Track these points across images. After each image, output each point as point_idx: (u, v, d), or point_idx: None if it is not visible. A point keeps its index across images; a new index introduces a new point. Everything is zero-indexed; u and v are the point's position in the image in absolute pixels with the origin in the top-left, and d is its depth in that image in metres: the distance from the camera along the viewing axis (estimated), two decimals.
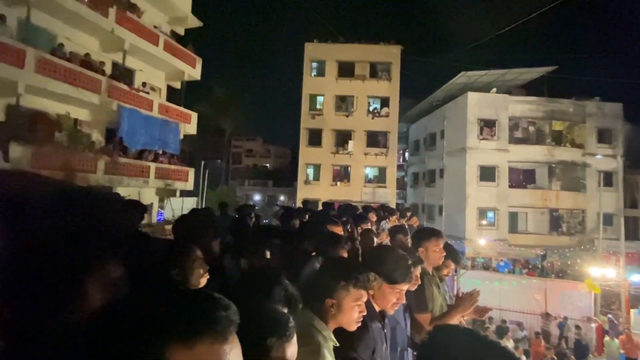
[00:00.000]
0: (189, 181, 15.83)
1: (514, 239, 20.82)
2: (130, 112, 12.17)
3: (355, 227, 4.68)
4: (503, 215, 21.48)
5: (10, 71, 8.76)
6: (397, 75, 23.60)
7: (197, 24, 16.72)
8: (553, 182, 21.72)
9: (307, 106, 23.79)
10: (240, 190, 41.05)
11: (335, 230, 3.04)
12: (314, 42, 23.97)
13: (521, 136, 22.38)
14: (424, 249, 2.78)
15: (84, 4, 10.58)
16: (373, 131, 23.60)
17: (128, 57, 12.97)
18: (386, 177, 23.57)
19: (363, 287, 1.50)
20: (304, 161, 23.86)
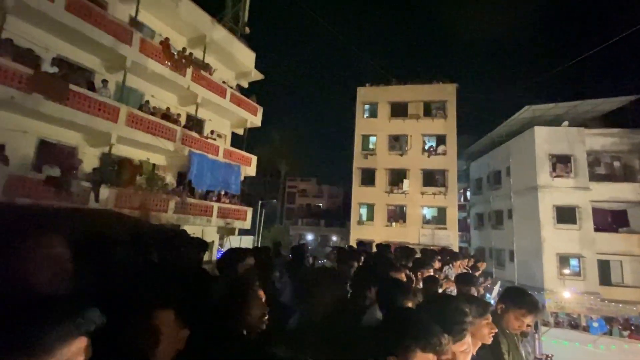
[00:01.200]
0: (247, 220, 16.49)
1: (607, 292, 17.67)
2: (199, 157, 13.38)
3: (415, 273, 4.32)
4: (590, 264, 18.53)
5: (107, 125, 10.30)
6: (453, 112, 23.05)
7: (259, 77, 18.39)
8: None
9: (359, 146, 24.08)
10: (294, 229, 41.64)
11: (397, 277, 2.82)
12: (365, 86, 24.81)
13: (604, 172, 19.82)
14: (509, 312, 2.38)
15: (167, 67, 12.35)
16: (429, 170, 22.80)
17: (200, 108, 14.55)
18: (446, 218, 22.17)
19: (433, 351, 1.28)
20: (356, 200, 23.65)
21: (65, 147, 10.47)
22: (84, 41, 10.19)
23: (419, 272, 4.43)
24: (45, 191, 8.71)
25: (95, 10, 10.03)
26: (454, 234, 21.91)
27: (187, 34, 14.36)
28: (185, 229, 10.31)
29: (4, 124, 8.73)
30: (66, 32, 9.71)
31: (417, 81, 24.00)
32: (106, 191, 10.19)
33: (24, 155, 9.40)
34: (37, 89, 8.51)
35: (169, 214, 12.21)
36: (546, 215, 19.10)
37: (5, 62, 7.96)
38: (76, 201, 9.38)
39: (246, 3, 17.76)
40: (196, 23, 14.06)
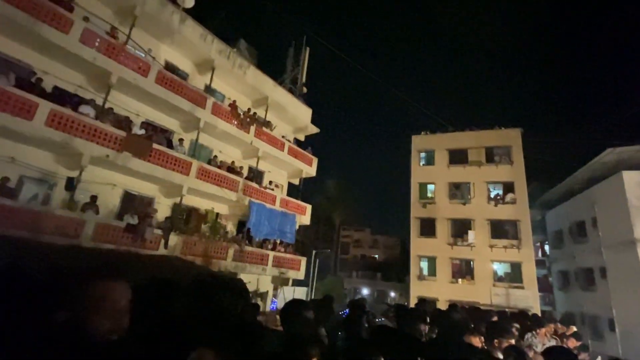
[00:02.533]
0: (300, 270, 16.28)
1: None
2: (258, 206, 13.97)
3: (491, 341, 3.68)
4: None
5: (180, 178, 11.41)
6: (519, 158, 21.45)
7: (315, 130, 19.36)
8: None
9: (416, 195, 23.20)
10: (348, 282, 39.94)
11: (473, 342, 2.41)
12: (420, 134, 24.56)
13: None
14: None
15: (234, 125, 13.64)
16: (498, 220, 20.84)
17: (260, 161, 15.53)
18: (522, 275, 19.55)
19: None
20: (416, 253, 22.17)
21: (145, 198, 11.71)
22: (167, 107, 11.83)
23: (496, 341, 3.78)
24: (125, 237, 9.64)
25: (178, 81, 11.74)
26: (534, 295, 19.05)
27: (252, 96, 15.95)
28: (242, 278, 10.39)
29: (98, 178, 10.14)
30: (154, 100, 11.41)
31: (476, 127, 23.18)
32: (175, 238, 10.95)
33: (111, 205, 10.68)
34: (127, 148, 9.88)
35: (228, 262, 12.59)
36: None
37: (106, 127, 9.49)
38: (149, 247, 10.18)
39: (304, 67, 19.54)
40: (260, 86, 15.62)
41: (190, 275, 1.10)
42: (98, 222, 9.25)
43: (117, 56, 9.97)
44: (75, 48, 9.12)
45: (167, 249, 10.68)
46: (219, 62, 13.70)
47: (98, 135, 9.29)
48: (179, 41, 12.62)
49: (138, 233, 9.92)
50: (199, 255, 11.46)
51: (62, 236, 8.22)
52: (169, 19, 11.96)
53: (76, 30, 9.10)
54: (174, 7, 12.19)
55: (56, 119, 8.50)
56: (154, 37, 12.27)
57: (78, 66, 9.75)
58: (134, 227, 9.90)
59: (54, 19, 8.70)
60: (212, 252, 12.08)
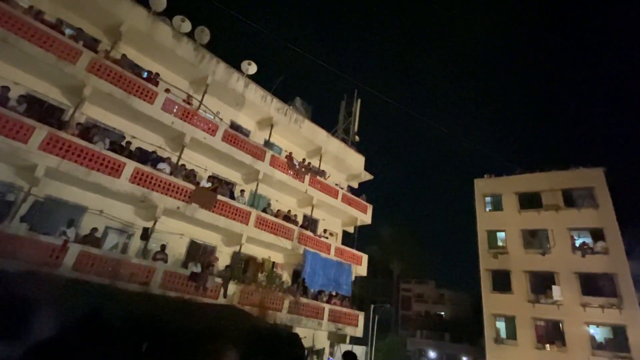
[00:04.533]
0: (358, 326, 15.23)
1: None
2: (312, 255, 13.81)
3: None
4: None
5: (240, 227, 11.90)
6: (606, 201, 18.75)
7: (369, 177, 19.29)
8: None
9: (485, 244, 21.12)
10: (411, 342, 36.18)
11: None
12: (484, 178, 23.05)
13: None
14: None
15: (290, 175, 14.21)
16: (588, 273, 17.83)
17: (315, 209, 15.68)
18: (629, 342, 15.95)
19: None
20: (489, 311, 19.56)
21: (208, 247, 12.33)
22: (231, 161, 12.85)
23: None
24: (188, 285, 10.05)
25: (241, 138, 12.82)
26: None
27: (307, 147, 16.69)
28: (297, 332, 10.03)
29: (168, 228, 11.01)
30: (220, 156, 12.50)
31: (548, 168, 21.13)
32: (233, 287, 11.13)
33: (178, 253, 11.39)
34: (195, 200, 10.72)
35: (283, 313, 12.30)
36: None
37: (178, 182, 10.50)
38: (209, 295, 10.45)
39: (355, 117, 20.22)
40: (314, 138, 16.36)
41: (248, 327, 1.03)
42: (166, 270, 9.84)
43: (190, 119, 11.34)
44: (157, 115, 10.60)
45: (226, 298, 10.84)
46: (277, 119, 14.79)
47: (171, 189, 10.28)
48: (242, 103, 14.02)
49: (201, 281, 10.30)
50: (256, 305, 11.41)
51: (135, 283, 8.85)
52: (235, 85, 13.48)
53: (159, 100, 10.65)
54: (239, 74, 13.78)
55: (138, 176, 9.66)
56: (222, 101, 13.82)
57: (158, 129, 11.24)
58: (198, 275, 10.32)
59: (143, 92, 10.33)
60: (268, 303, 11.96)
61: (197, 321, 1.14)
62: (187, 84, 12.81)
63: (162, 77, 11.71)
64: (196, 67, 12.39)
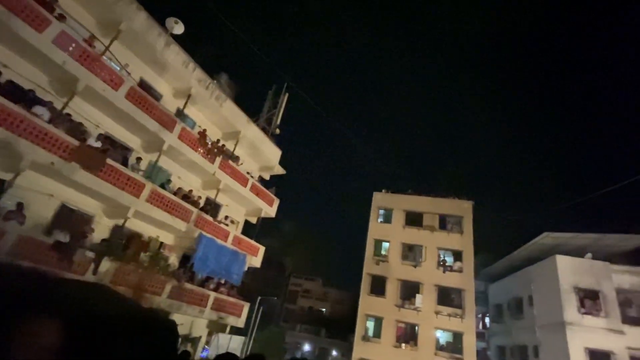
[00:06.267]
0: (241, 317, 15.15)
1: None
2: (208, 240, 13.20)
3: None
4: None
5: (129, 199, 10.62)
6: (469, 229, 22.72)
7: (281, 171, 19.42)
8: None
9: (371, 251, 23.33)
10: (290, 335, 37.66)
11: None
12: (382, 192, 25.41)
13: (638, 315, 17.84)
14: None
15: (199, 154, 13.32)
16: (445, 287, 21.31)
17: (220, 194, 15.04)
18: (463, 347, 19.64)
19: None
20: (364, 311, 21.69)
21: (83, 215, 10.65)
22: (132, 124, 11.37)
23: None
24: (49, 256, 8.51)
25: (149, 100, 11.46)
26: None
27: (224, 128, 15.90)
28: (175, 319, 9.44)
29: (33, 185, 9.15)
30: (119, 114, 10.94)
31: (433, 194, 24.48)
32: (107, 264, 9.86)
33: (43, 217, 9.55)
34: (77, 159, 9.14)
35: (163, 298, 11.43)
36: (578, 359, 16.63)
37: (58, 133, 8.81)
38: (75, 270, 9.03)
39: (280, 110, 20.11)
40: (234, 120, 15.69)
41: (113, 308, 0.91)
42: (21, 235, 8.16)
43: (89, 64, 9.64)
44: (46, 48, 8.71)
45: (96, 275, 9.54)
46: (197, 91, 13.71)
47: (47, 139, 8.56)
48: (160, 63, 12.58)
49: (67, 252, 8.84)
50: (132, 286, 10.32)
51: None
52: (154, 40, 11.99)
53: (52, 31, 8.77)
54: (162, 30, 12.32)
55: (2, 115, 7.78)
56: (136, 54, 12.15)
57: (44, 66, 9.24)
58: (64, 246, 8.82)
59: (31, 15, 8.37)
60: (148, 286, 10.96)
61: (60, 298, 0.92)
62: (94, 23, 10.87)
63: (62, 5, 9.67)
64: (110, 7, 10.61)
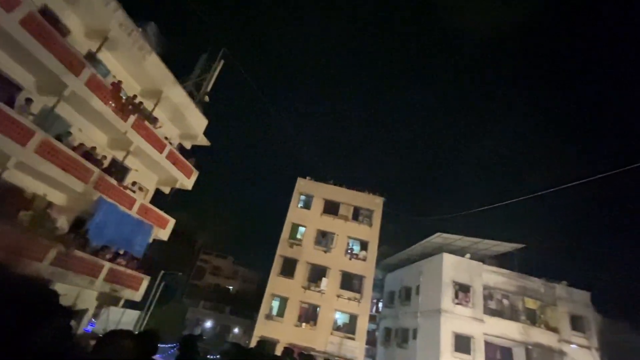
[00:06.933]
0: (139, 291, 14.13)
1: None
2: (109, 206, 11.89)
3: None
4: None
5: (11, 146, 8.89)
6: (377, 223, 24.80)
7: (205, 143, 18.34)
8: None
9: (287, 234, 23.86)
10: (193, 311, 36.60)
11: None
12: (306, 179, 26.02)
13: (495, 308, 21.96)
14: None
15: (110, 107, 11.75)
16: (349, 272, 23.04)
17: (130, 156, 13.59)
18: (356, 328, 21.63)
19: None
20: (271, 291, 22.20)
21: None
22: (26, 57, 9.44)
23: None
24: None
25: (53, 33, 9.64)
26: (361, 347, 21.16)
27: (144, 84, 14.27)
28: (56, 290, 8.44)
29: None
30: (10, 42, 8.98)
31: (351, 186, 25.99)
32: None
33: None
34: None
35: (44, 265, 9.98)
36: (446, 341, 19.77)
37: None
38: None
39: (212, 77, 18.82)
40: (157, 77, 14.17)
41: None
42: None
43: None
44: None
45: None
46: (117, 35, 11.97)
47: None
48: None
49: None
50: (4, 248, 8.76)
51: None
52: None
53: None
54: None
55: None
56: None
57: None
58: None
59: None
60: (25, 249, 9.42)
61: None
62: None
63: None
64: None
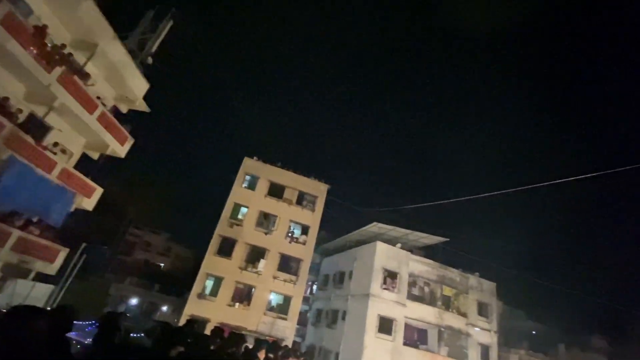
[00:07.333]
0: (54, 263, 12.83)
1: None
2: (23, 167, 10.45)
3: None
4: None
5: None
6: (320, 208, 25.39)
7: (145, 109, 16.87)
8: (442, 347, 22.58)
9: (228, 213, 23.30)
10: (117, 288, 34.25)
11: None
12: (253, 159, 25.46)
13: (417, 294, 24.08)
14: None
15: (29, 53, 10.17)
16: (288, 255, 23.37)
17: (52, 113, 12.01)
18: (290, 309, 22.18)
19: None
20: (206, 270, 21.67)
21: None
22: None
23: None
24: None
25: None
26: (292, 327, 21.82)
27: (77, 33, 12.58)
28: None
29: None
30: None
31: (298, 171, 26.09)
32: None
33: None
34: None
35: None
36: (372, 323, 21.27)
37: None
38: None
39: (159, 37, 17.20)
40: (92, 28, 12.56)
41: None
42: None
43: None
44: None
45: None
46: None
47: None
48: None
49: None
50: None
51: None
52: None
53: None
54: None
55: None
56: None
57: None
58: None
59: None
60: None
61: None
62: None
63: None
64: None
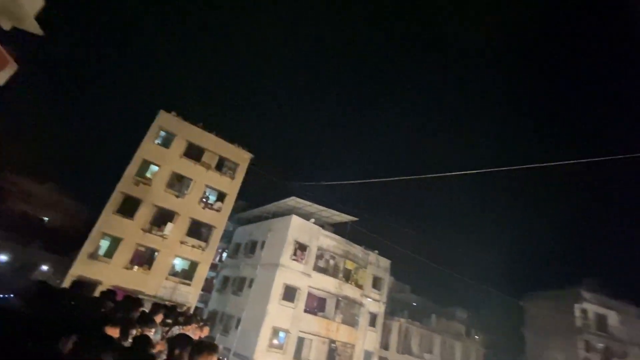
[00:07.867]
0: None
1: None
2: None
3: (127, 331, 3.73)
4: (292, 339, 22.25)
5: None
6: (240, 177, 24.73)
7: (37, 31, 13.77)
8: (337, 314, 24.85)
9: (134, 170, 20.99)
10: None
11: (111, 333, 2.40)
12: (170, 113, 23.13)
13: (323, 266, 25.78)
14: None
15: None
16: (199, 221, 22.42)
17: None
18: (195, 274, 21.58)
19: None
20: (102, 229, 19.46)
21: None
22: None
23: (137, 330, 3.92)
24: None
25: None
26: (195, 293, 21.37)
27: None
28: None
29: None
30: None
31: (221, 135, 24.69)
32: None
33: None
34: None
35: None
36: (277, 291, 22.16)
37: None
38: None
39: None
40: None
41: None
42: None
43: None
44: None
45: None
46: None
47: None
48: None
49: None
50: None
51: None
52: None
53: None
54: None
55: None
56: None
57: None
58: None
59: None
60: None
61: None
62: None
63: None
64: None
